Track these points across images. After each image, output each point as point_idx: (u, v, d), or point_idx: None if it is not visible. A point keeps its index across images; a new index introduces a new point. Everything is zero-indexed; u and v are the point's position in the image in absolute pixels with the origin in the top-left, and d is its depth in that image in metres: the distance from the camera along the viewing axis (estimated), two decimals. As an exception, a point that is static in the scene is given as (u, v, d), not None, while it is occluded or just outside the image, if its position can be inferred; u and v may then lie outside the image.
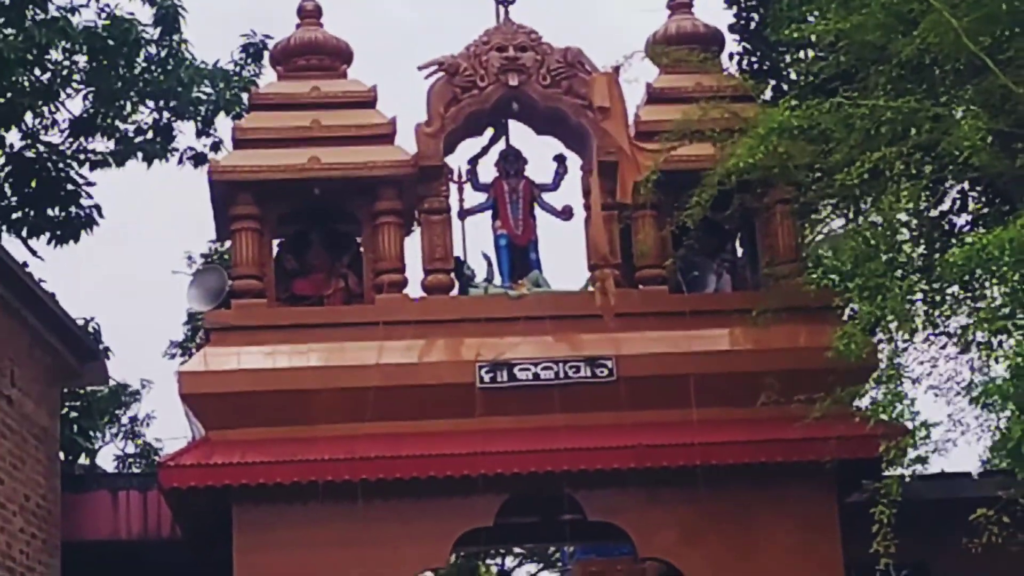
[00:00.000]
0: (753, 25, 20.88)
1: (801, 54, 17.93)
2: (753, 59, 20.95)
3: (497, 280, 18.03)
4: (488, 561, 33.41)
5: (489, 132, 18.17)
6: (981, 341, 14.29)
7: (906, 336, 14.87)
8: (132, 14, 23.89)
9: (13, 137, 23.36)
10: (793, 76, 18.89)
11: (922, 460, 15.73)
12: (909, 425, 14.64)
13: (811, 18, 15.56)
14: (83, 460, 24.44)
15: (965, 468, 18.62)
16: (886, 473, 15.16)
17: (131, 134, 23.99)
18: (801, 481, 16.38)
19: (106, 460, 27.16)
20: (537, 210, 18.14)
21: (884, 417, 14.72)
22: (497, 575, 35.50)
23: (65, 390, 19.50)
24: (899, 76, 14.55)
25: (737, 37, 20.97)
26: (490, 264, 18.25)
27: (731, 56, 19.87)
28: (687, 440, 16.22)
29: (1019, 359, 13.41)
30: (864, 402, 15.32)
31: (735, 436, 16.24)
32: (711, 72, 18.01)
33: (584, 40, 17.76)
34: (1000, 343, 14.07)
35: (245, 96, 22.13)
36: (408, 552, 16.60)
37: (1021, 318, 13.57)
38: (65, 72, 23.47)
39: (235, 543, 16.17)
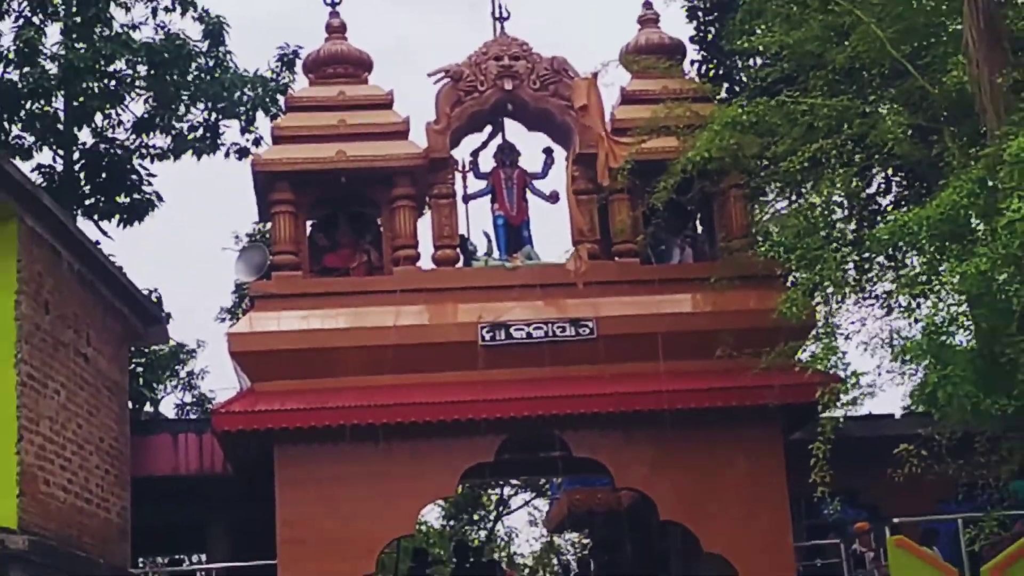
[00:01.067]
0: (710, 37, 20.98)
1: (751, 61, 18.03)
2: (710, 66, 21.03)
3: (495, 254, 18.08)
4: (489, 491, 33.40)
5: (488, 129, 18.19)
6: (902, 304, 14.40)
7: (839, 300, 15.02)
8: (184, 31, 23.92)
9: (85, 135, 23.35)
10: (744, 80, 18.94)
11: (853, 404, 15.76)
12: (842, 374, 14.82)
13: (759, 31, 15.61)
14: (148, 408, 24.52)
15: (889, 410, 18.73)
16: (822, 415, 15.23)
17: (185, 132, 23.95)
18: (751, 422, 16.52)
19: (167, 408, 27.24)
20: (529, 195, 18.18)
21: (820, 368, 14.84)
22: (496, 503, 35.48)
23: (132, 349, 19.55)
24: (833, 79, 14.66)
25: (697, 47, 21.08)
26: (489, 241, 18.29)
27: (692, 63, 19.94)
28: (656, 388, 16.32)
29: (934, 319, 13.54)
30: (804, 355, 15.40)
31: (696, 384, 16.38)
32: (675, 77, 18.06)
33: (567, 48, 17.79)
34: (918, 305, 14.18)
35: (281, 99, 22.16)
36: (422, 484, 16.77)
37: (936, 284, 13.67)
38: (128, 80, 23.42)
39: (277, 478, 16.32)
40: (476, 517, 36.28)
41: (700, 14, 21.28)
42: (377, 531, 16.40)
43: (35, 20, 23.14)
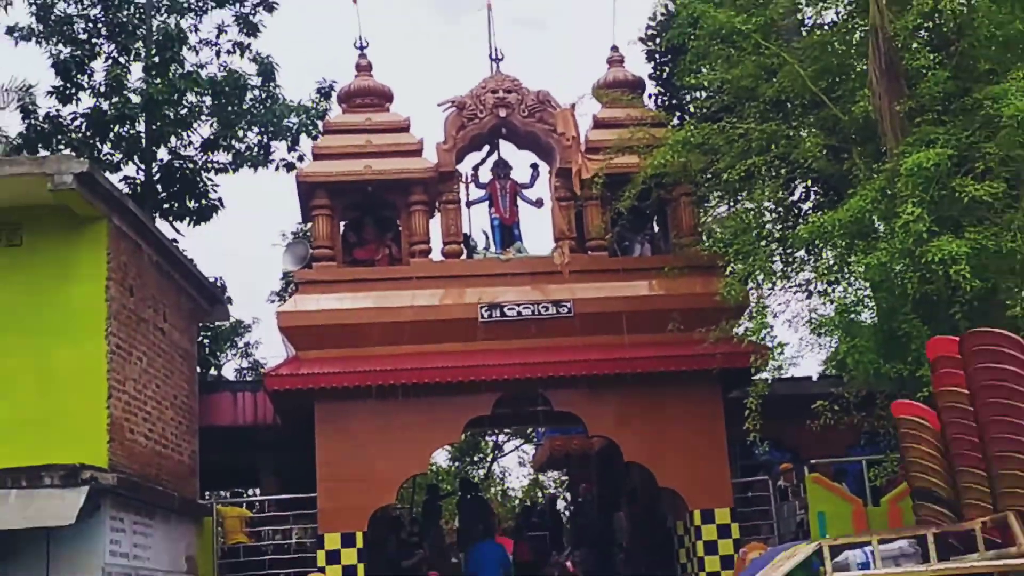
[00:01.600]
0: (665, 74, 20.88)
1: (698, 94, 17.95)
2: (665, 98, 20.95)
3: (492, 249, 18.06)
4: (486, 438, 33.40)
5: (486, 148, 18.13)
6: (819, 289, 14.40)
7: (768, 286, 14.99)
8: (241, 68, 23.88)
9: (162, 153, 23.28)
10: (692, 109, 18.87)
11: (779, 368, 15.78)
12: (770, 345, 14.81)
13: (704, 70, 15.58)
14: (212, 372, 24.49)
15: (808, 373, 18.71)
16: (754, 377, 15.24)
17: (242, 150, 23.85)
18: (697, 383, 16.51)
19: (228, 372, 27.19)
20: (519, 201, 18.15)
21: (753, 340, 14.83)
22: (492, 447, 35.49)
23: (200, 324, 19.51)
24: (764, 109, 14.63)
25: (654, 83, 20.98)
26: (487, 238, 18.25)
27: (650, 96, 19.86)
28: (621, 356, 16.34)
29: (844, 301, 13.55)
30: (740, 330, 15.37)
31: (652, 353, 16.36)
32: (636, 107, 18.03)
33: (550, 79, 17.73)
34: (832, 290, 14.18)
35: (320, 124, 22.08)
36: (432, 432, 16.81)
37: (846, 273, 13.67)
38: (197, 108, 23.36)
39: (316, 427, 16.31)
40: (476, 459, 36.27)
41: (656, 56, 21.21)
42: (397, 470, 16.46)
43: (121, 60, 23.11)
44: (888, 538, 8.15)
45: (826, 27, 15.05)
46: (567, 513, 28.22)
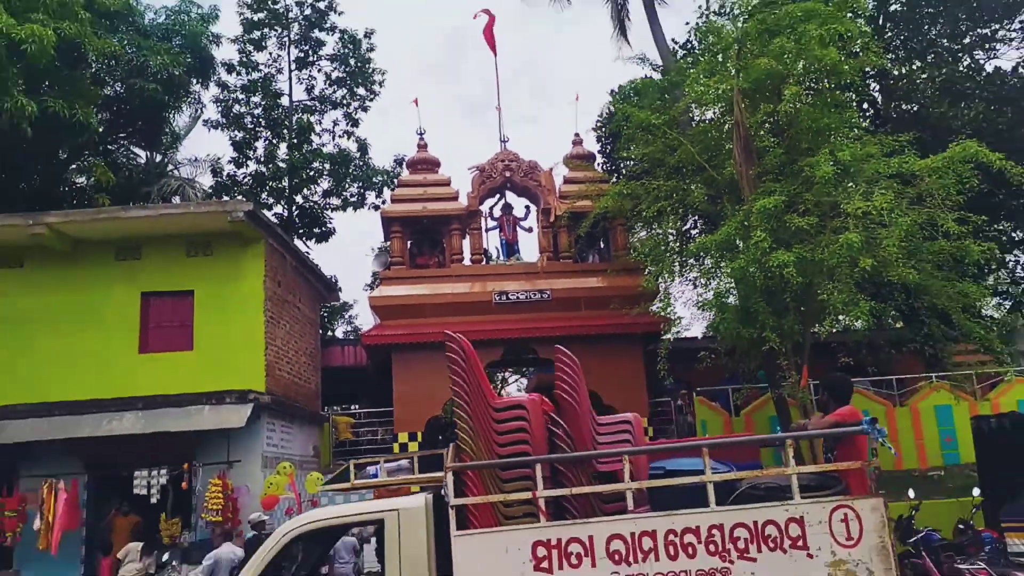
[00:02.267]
0: (608, 150, 20.89)
1: (628, 162, 17.91)
2: (608, 164, 20.96)
3: (501, 259, 18.05)
4: (497, 375, 33.29)
5: (497, 196, 18.13)
6: (703, 282, 14.39)
7: (671, 281, 15.00)
8: (347, 147, 24.06)
9: (299, 199, 23.38)
10: (624, 172, 18.87)
11: (677, 332, 15.81)
12: (672, 317, 14.80)
13: (631, 147, 15.59)
14: (329, 333, 24.55)
15: (695, 335, 18.74)
16: (663, 337, 15.26)
17: (348, 197, 23.98)
18: (627, 341, 16.47)
19: (339, 333, 27.14)
20: (518, 229, 18.14)
21: (662, 314, 14.85)
22: (500, 380, 35.32)
23: (321, 304, 19.57)
24: (669, 172, 14.60)
25: (602, 155, 20.98)
26: (498, 251, 18.23)
27: (599, 164, 19.81)
28: (581, 323, 16.32)
29: (718, 290, 13.56)
30: (654, 308, 15.40)
31: (601, 322, 16.29)
32: (590, 171, 17.99)
33: (539, 148, 17.77)
34: (709, 283, 14.18)
35: (395, 181, 22.12)
36: (465, 371, 16.78)
37: (719, 273, 13.67)
38: (320, 172, 23.45)
39: (393, 368, 16.31)
40: (492, 385, 36.15)
41: (603, 138, 21.30)
42: (442, 393, 16.31)
43: (274, 141, 23.23)
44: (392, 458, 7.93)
45: (707, 121, 15.06)
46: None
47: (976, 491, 10.83)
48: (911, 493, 10.99)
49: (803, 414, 12.89)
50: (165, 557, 10.63)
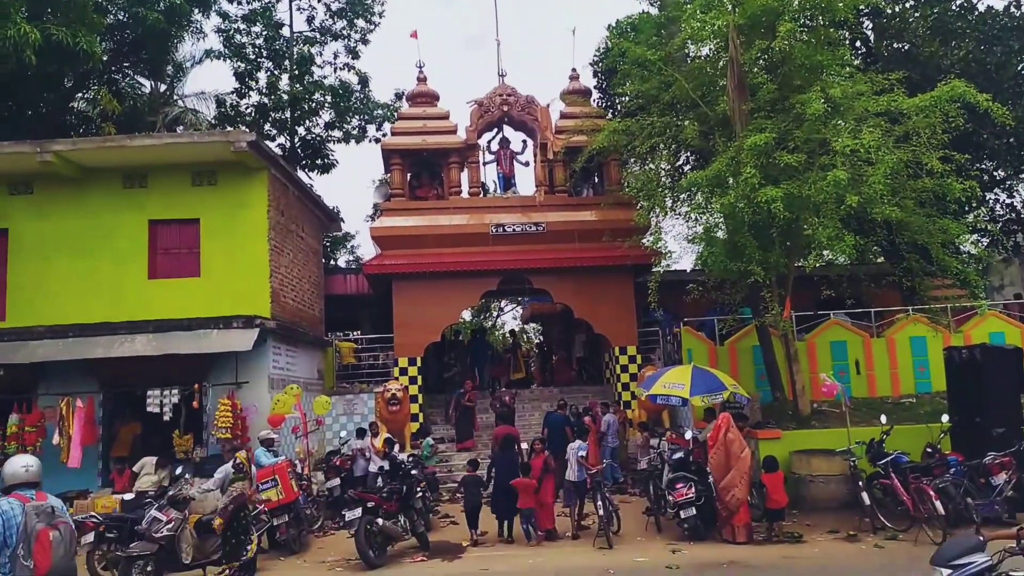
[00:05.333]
0: (604, 85, 20.50)
1: (624, 98, 17.55)
2: (604, 100, 20.60)
3: (498, 191, 17.95)
4: (493, 303, 33.48)
5: (496, 130, 17.88)
6: (693, 217, 14.30)
7: (662, 215, 14.90)
8: (348, 80, 23.63)
9: (301, 130, 23.05)
10: (620, 107, 18.56)
11: (667, 264, 15.79)
12: (663, 251, 14.78)
13: (628, 83, 15.27)
14: (331, 262, 24.54)
15: (684, 267, 18.76)
16: (653, 269, 15.29)
17: (349, 130, 23.64)
18: (619, 272, 16.56)
19: (341, 262, 27.09)
20: (515, 162, 17.95)
21: (653, 247, 14.84)
22: (497, 309, 35.51)
23: (324, 234, 19.49)
24: (663, 108, 14.37)
25: (598, 91, 20.62)
26: (495, 184, 18.15)
27: (595, 99, 19.51)
28: (574, 255, 16.37)
29: (708, 224, 13.53)
30: (646, 241, 15.38)
31: (593, 254, 16.36)
32: (586, 106, 17.78)
33: (536, 81, 17.50)
34: (700, 218, 14.11)
35: (395, 114, 21.76)
36: (461, 299, 16.93)
37: (709, 208, 13.60)
38: (321, 104, 23.09)
39: (393, 296, 16.40)
40: (488, 315, 36.31)
41: (600, 75, 20.86)
42: (440, 320, 16.49)
43: (275, 72, 22.78)
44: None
45: (702, 57, 14.71)
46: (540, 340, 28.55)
47: (945, 417, 11.06)
48: (883, 419, 11.22)
49: (784, 344, 13.06)
50: (179, 470, 10.87)
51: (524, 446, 11.83)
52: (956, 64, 15.71)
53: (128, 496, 10.67)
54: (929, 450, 10.53)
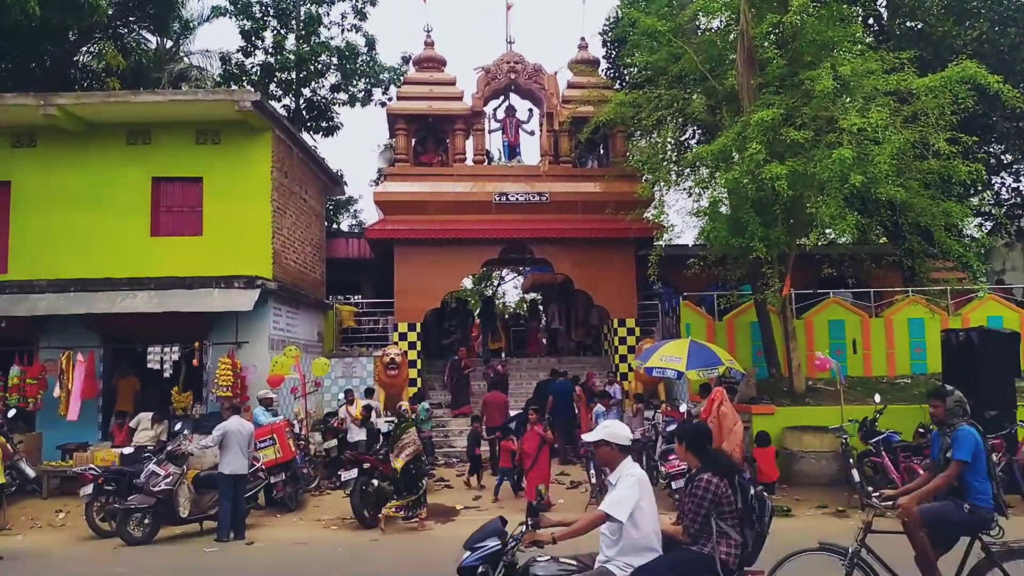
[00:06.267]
0: (613, 56, 20.25)
1: (632, 70, 17.36)
2: (612, 71, 20.36)
3: (503, 160, 17.85)
4: (495, 272, 33.39)
5: (502, 97, 17.74)
6: (697, 191, 14.22)
7: (666, 189, 14.82)
8: (355, 41, 23.34)
9: (306, 91, 22.81)
10: (627, 79, 18.38)
11: (669, 239, 15.76)
12: (665, 224, 14.76)
13: (636, 54, 15.08)
14: (334, 226, 24.46)
15: (686, 242, 18.73)
16: (655, 243, 15.28)
17: (355, 93, 23.42)
18: (621, 244, 16.55)
19: (343, 226, 27.03)
20: (520, 131, 17.84)
21: (655, 220, 14.79)
22: (498, 277, 35.20)
23: (327, 197, 19.41)
24: (671, 80, 14.21)
25: (606, 61, 20.37)
26: (500, 153, 18.03)
27: (603, 70, 19.29)
28: (576, 226, 16.34)
29: (713, 198, 13.46)
30: (648, 214, 15.33)
31: (596, 226, 16.34)
32: (594, 76, 17.59)
33: (543, 51, 17.29)
34: (703, 193, 14.03)
35: (402, 78, 21.51)
36: (462, 267, 16.92)
37: (713, 183, 13.52)
38: (327, 65, 22.78)
39: (395, 261, 16.42)
40: (489, 283, 36.22)
41: (609, 45, 20.60)
42: (441, 287, 16.55)
43: (282, 31, 22.38)
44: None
45: (712, 30, 14.52)
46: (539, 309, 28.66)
47: (938, 398, 11.09)
48: (877, 398, 11.29)
49: (782, 321, 13.08)
50: (178, 427, 10.97)
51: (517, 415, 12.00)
52: (969, 44, 15.50)
53: (127, 450, 10.79)
54: (921, 430, 10.60)
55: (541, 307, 23.56)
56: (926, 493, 5.07)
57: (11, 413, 11.64)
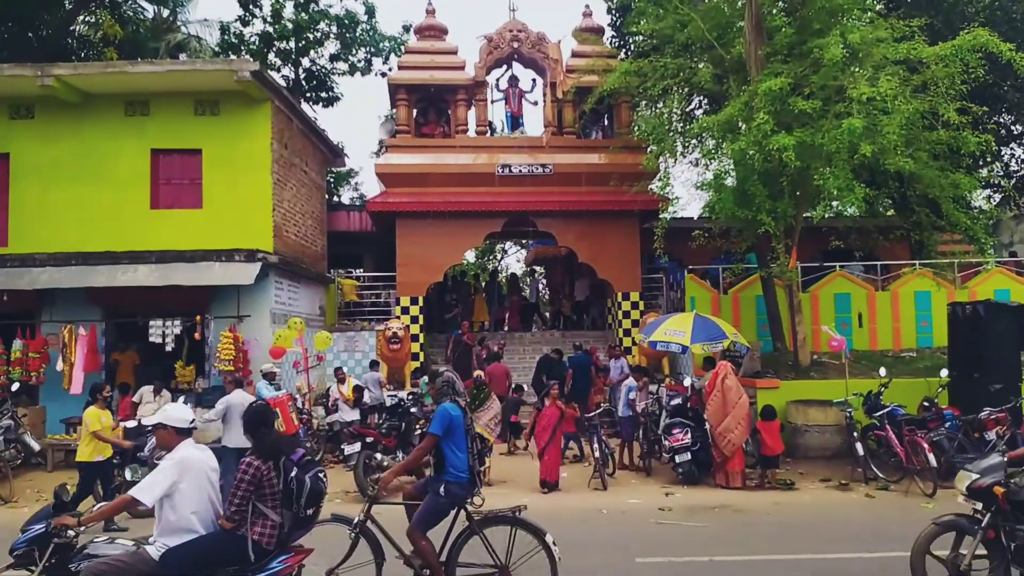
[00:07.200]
0: (618, 24, 20.00)
1: (637, 38, 17.15)
2: (617, 40, 20.12)
3: (506, 131, 17.69)
4: (498, 245, 33.25)
5: (504, 67, 17.54)
6: (703, 163, 14.15)
7: (672, 161, 14.72)
8: (354, 10, 23.06)
9: (305, 62, 22.63)
10: (633, 47, 18.15)
11: (674, 211, 15.67)
12: (670, 197, 14.69)
13: (642, 22, 14.86)
14: (335, 198, 24.36)
15: (691, 215, 18.61)
16: (660, 216, 15.19)
17: (355, 63, 23.23)
18: (625, 217, 16.40)
19: (344, 198, 26.92)
20: (524, 101, 17.65)
21: (660, 193, 14.73)
22: (501, 251, 35.33)
23: (328, 169, 19.31)
24: (677, 49, 14.04)
25: (611, 29, 20.13)
26: (503, 123, 17.88)
27: (608, 38, 19.05)
28: (580, 199, 16.22)
29: (718, 171, 13.37)
30: (653, 186, 15.25)
31: (600, 198, 16.20)
32: (599, 45, 17.33)
33: (546, 20, 17.04)
34: (710, 165, 13.95)
35: (403, 47, 21.29)
36: (464, 240, 16.78)
37: (719, 154, 13.42)
38: (327, 34, 22.62)
39: (397, 234, 16.30)
40: (491, 256, 36.09)
41: (613, 12, 20.34)
42: (443, 260, 16.46)
43: (280, 0, 22.22)
44: None
45: (720, -2, 14.35)
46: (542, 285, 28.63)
47: (944, 372, 11.09)
48: (882, 371, 11.28)
49: (788, 295, 13.05)
50: (181, 401, 11.00)
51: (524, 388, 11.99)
52: (981, 12, 15.28)
53: (130, 423, 10.82)
54: (926, 404, 10.59)
55: (522, 283, 23.41)
56: (403, 467, 5.93)
57: (15, 387, 11.70)
